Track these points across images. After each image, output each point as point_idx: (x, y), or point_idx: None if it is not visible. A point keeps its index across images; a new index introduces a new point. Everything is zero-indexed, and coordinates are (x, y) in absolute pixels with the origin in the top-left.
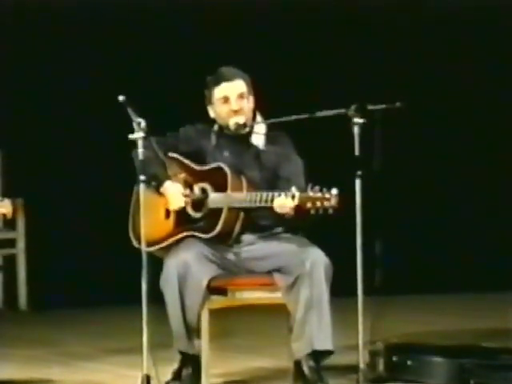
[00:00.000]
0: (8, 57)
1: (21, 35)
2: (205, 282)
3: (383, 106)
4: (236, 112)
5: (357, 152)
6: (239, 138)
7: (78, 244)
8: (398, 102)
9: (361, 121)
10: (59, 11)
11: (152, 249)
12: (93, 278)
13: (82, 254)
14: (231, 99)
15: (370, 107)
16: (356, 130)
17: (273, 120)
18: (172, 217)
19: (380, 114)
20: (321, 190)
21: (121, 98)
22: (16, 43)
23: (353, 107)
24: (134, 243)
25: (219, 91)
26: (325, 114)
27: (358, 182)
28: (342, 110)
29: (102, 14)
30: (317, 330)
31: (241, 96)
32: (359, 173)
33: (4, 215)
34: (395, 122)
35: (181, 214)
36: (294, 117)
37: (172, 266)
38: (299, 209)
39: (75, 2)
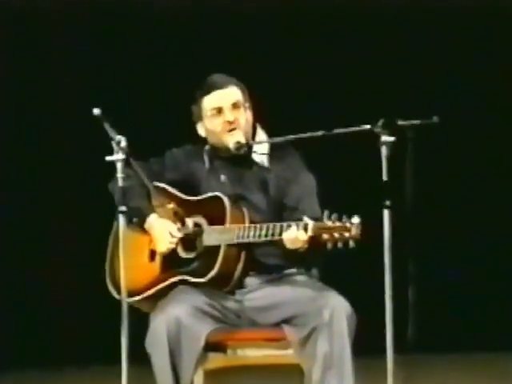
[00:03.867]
0: None
1: None
2: (202, 342)
3: (417, 121)
4: (231, 123)
5: (385, 177)
6: (238, 158)
7: (45, 294)
8: (434, 116)
9: (390, 139)
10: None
11: (134, 299)
12: (62, 333)
13: (51, 305)
14: (225, 109)
15: (401, 122)
16: (384, 150)
17: (279, 138)
18: (158, 259)
19: (413, 131)
20: (340, 219)
21: (96, 111)
22: None
23: (380, 123)
24: (113, 293)
25: (210, 101)
26: (345, 131)
27: (386, 214)
28: (367, 127)
29: (79, 19)
30: None
31: (236, 105)
32: (387, 202)
33: None
34: (432, 141)
35: (169, 254)
36: (306, 134)
37: (161, 324)
38: (314, 241)
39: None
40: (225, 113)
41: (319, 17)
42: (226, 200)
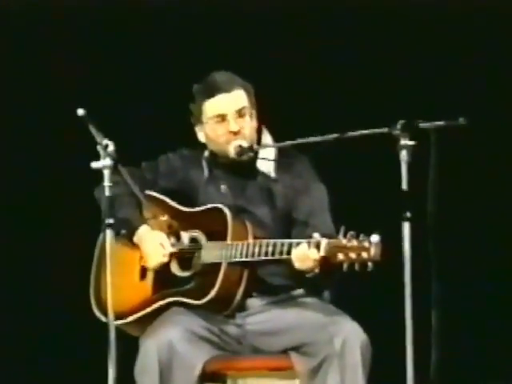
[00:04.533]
0: None
1: None
2: (197, 372)
3: (441, 122)
4: (236, 134)
5: (405, 186)
6: (240, 166)
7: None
8: (460, 117)
9: (410, 143)
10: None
11: (122, 322)
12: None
13: (28, 327)
14: (229, 117)
15: (423, 124)
16: (404, 155)
17: (287, 143)
18: (150, 277)
19: (437, 134)
20: (357, 237)
21: (80, 111)
22: None
23: (399, 125)
24: (98, 314)
25: (212, 107)
26: (360, 134)
27: (405, 227)
28: (385, 129)
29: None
30: None
31: (241, 112)
32: (407, 214)
33: None
34: (458, 145)
35: (162, 272)
36: (317, 138)
37: (152, 349)
38: (327, 262)
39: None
40: (229, 121)
41: (332, 12)
42: (227, 212)
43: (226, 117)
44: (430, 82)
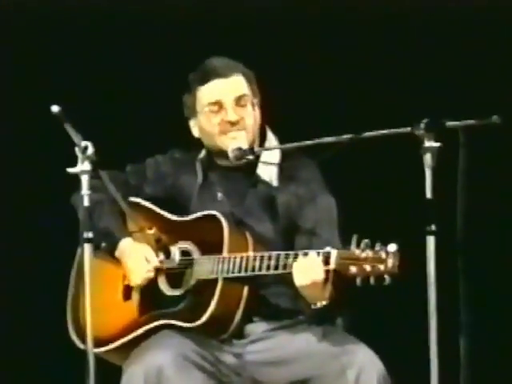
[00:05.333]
0: None
1: None
2: None
3: (471, 121)
4: (234, 124)
5: (429, 194)
6: (239, 171)
7: None
8: (493, 115)
9: (436, 145)
10: None
11: (104, 349)
12: None
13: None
14: (226, 105)
15: (450, 123)
16: (428, 159)
17: (294, 144)
18: (135, 297)
19: (467, 135)
20: (372, 247)
21: (55, 108)
22: None
23: (423, 124)
24: (76, 341)
25: (207, 93)
26: (378, 135)
27: (430, 241)
28: (407, 129)
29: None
30: None
31: (241, 100)
32: (432, 227)
33: None
34: (491, 146)
35: (149, 291)
36: (328, 139)
37: (137, 376)
38: (337, 277)
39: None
40: (226, 110)
41: (349, 5)
42: (223, 221)
43: (223, 105)
44: (457, 76)
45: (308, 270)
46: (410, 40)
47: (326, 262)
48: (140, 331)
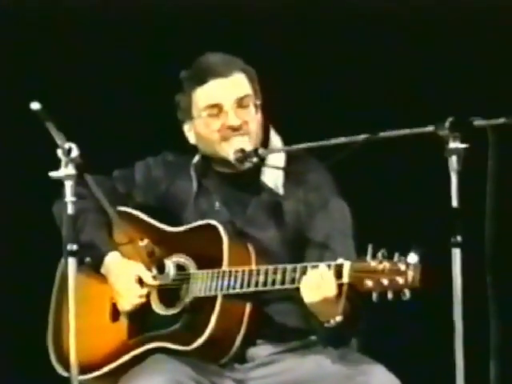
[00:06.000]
0: None
1: None
2: None
3: (501, 119)
4: (236, 130)
5: (454, 201)
6: (240, 176)
7: None
8: None
9: (462, 146)
10: None
11: (89, 376)
12: None
13: None
14: (227, 108)
15: (479, 122)
16: (454, 161)
17: (301, 146)
18: (124, 317)
19: (497, 135)
20: (390, 257)
21: (35, 105)
22: None
23: (447, 123)
24: (58, 368)
25: (205, 95)
26: (397, 135)
27: (456, 254)
28: (429, 128)
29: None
30: None
31: (243, 102)
32: (458, 238)
33: None
34: None
35: (140, 310)
36: (340, 140)
37: None
38: (351, 291)
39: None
40: (227, 113)
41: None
42: (222, 230)
43: (223, 108)
44: (485, 71)
45: (318, 285)
46: (434, 32)
47: (339, 275)
48: (130, 355)
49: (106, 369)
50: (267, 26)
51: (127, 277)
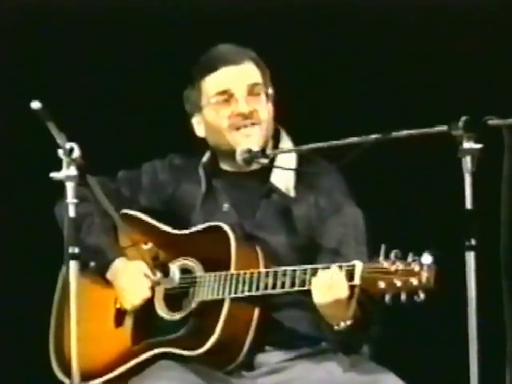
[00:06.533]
0: None
1: None
2: None
3: None
4: (246, 117)
5: (468, 203)
6: (249, 178)
7: None
8: None
9: (476, 146)
10: None
11: None
12: None
13: None
14: (237, 95)
15: (494, 122)
16: (468, 162)
17: (312, 146)
18: (129, 322)
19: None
20: (403, 258)
21: (35, 104)
22: None
23: (461, 122)
24: (59, 375)
25: (215, 82)
26: (409, 134)
27: (470, 257)
28: (442, 128)
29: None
30: None
31: (254, 89)
32: (472, 241)
33: None
34: None
35: (145, 315)
36: (351, 140)
37: None
38: (363, 293)
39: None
40: (237, 100)
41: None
42: (230, 232)
43: (234, 95)
44: (499, 69)
45: (330, 285)
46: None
47: (350, 276)
48: (134, 362)
49: (108, 376)
50: (278, 25)
51: (133, 272)
